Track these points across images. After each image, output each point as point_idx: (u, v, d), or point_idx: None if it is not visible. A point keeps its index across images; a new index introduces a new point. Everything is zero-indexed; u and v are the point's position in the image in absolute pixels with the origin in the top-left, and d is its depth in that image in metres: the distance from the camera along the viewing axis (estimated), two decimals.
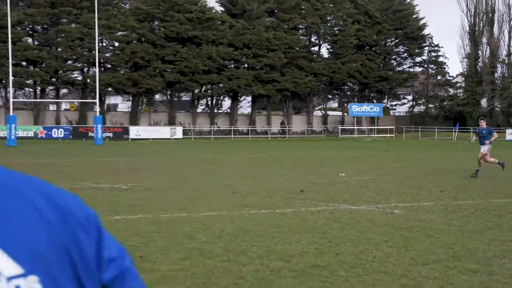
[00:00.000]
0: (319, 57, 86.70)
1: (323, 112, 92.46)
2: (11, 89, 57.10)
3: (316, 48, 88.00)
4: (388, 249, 10.55)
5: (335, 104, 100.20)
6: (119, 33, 73.43)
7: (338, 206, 15.50)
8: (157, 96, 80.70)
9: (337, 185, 20.47)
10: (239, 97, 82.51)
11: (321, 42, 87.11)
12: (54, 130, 64.66)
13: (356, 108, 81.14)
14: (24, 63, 69.85)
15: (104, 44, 74.01)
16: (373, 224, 12.93)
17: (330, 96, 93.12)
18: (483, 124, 24.94)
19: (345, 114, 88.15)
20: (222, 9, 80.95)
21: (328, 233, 11.92)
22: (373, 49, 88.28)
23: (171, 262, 9.37)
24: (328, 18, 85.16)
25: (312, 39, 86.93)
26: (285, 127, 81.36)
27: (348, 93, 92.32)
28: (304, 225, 12.72)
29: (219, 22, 77.65)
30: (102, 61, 71.91)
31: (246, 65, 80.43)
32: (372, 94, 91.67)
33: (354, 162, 32.51)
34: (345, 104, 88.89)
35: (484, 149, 24.31)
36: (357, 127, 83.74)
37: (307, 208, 15.22)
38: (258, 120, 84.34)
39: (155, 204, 15.60)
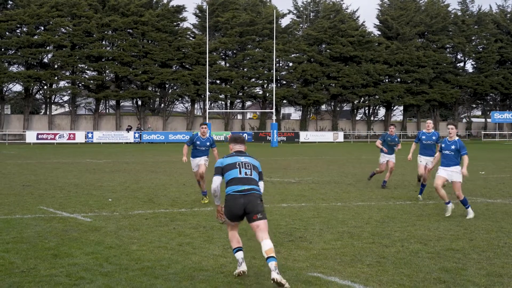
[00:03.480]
0: (464, 71, 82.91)
1: (467, 119, 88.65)
2: (207, 102, 59.48)
3: (462, 64, 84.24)
4: None
5: (478, 112, 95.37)
6: (293, 55, 74.42)
7: (476, 199, 14.68)
8: (323, 107, 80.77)
9: (477, 182, 19.40)
10: (392, 107, 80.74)
11: (466, 58, 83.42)
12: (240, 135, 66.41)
13: (498, 116, 76.98)
14: (218, 81, 72.58)
15: (280, 64, 75.28)
16: (506, 215, 12.13)
17: (474, 105, 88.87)
18: None
19: (488, 120, 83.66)
20: (379, 32, 79.79)
21: (464, 222, 11.33)
22: None
23: (325, 242, 9.31)
24: (473, 38, 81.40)
25: (458, 56, 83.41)
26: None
27: (491, 102, 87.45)
28: (442, 214, 12.16)
29: (376, 44, 76.67)
30: (278, 78, 73.27)
31: (398, 79, 78.63)
32: None
33: (494, 162, 30.65)
34: (488, 112, 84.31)
35: None
36: (498, 132, 79.33)
37: None
38: (408, 126, 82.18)
39: (317, 195, 15.58)
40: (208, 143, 14.31)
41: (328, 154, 39.39)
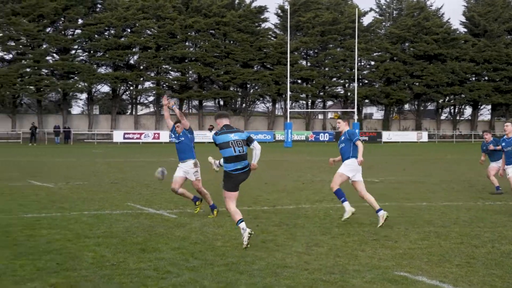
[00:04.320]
0: None
1: None
2: (288, 102, 59.52)
3: None
4: None
5: None
6: (375, 54, 73.38)
7: None
8: (406, 106, 79.17)
9: None
10: (479, 106, 78.14)
11: None
12: (321, 134, 66.26)
13: None
14: (299, 81, 72.54)
15: (362, 63, 74.38)
16: None
17: None
18: None
19: None
20: (465, 30, 77.47)
21: None
22: None
23: (411, 242, 9.11)
24: None
25: None
26: None
27: None
28: None
29: (462, 41, 74.50)
30: (360, 77, 72.35)
31: (486, 78, 75.98)
32: None
33: None
34: None
35: None
36: None
37: None
38: (497, 126, 79.15)
39: (401, 195, 15.28)
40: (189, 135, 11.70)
41: (412, 154, 38.54)
